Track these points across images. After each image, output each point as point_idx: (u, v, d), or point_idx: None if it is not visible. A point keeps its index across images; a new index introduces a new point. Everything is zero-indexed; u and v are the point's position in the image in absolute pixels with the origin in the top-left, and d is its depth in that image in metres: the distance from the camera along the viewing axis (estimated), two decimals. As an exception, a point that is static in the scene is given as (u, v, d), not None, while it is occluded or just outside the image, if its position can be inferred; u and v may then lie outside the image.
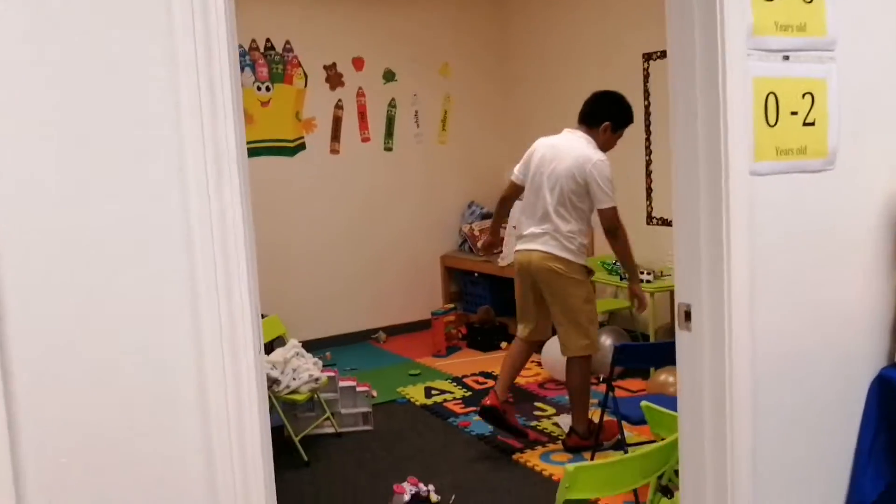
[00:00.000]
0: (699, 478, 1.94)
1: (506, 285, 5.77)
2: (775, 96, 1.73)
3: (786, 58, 1.74)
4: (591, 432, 3.68)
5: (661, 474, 2.26)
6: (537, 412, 4.34)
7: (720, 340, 1.80)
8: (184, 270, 1.45)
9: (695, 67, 1.70)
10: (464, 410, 4.40)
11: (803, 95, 1.78)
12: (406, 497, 3.22)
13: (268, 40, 5.52)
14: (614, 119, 3.70)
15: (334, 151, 5.87)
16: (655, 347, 3.68)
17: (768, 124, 1.74)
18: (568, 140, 3.72)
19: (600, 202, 3.60)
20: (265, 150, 5.54)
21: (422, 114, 6.22)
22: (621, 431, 3.33)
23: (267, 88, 5.53)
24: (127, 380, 1.44)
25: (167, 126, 1.42)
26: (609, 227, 3.64)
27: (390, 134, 6.10)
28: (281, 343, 4.06)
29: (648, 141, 5.19)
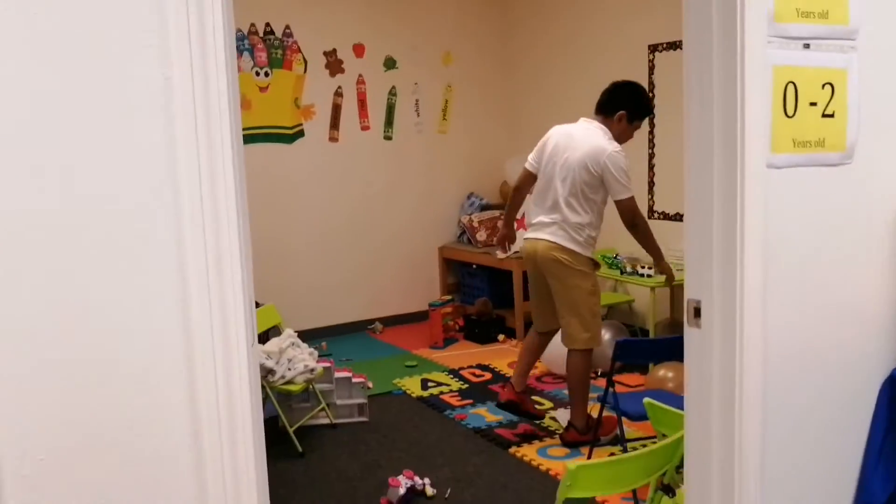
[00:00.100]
0: (705, 476, 1.91)
1: (504, 277, 5.73)
2: (794, 86, 1.67)
3: (806, 46, 1.68)
4: (590, 427, 3.64)
5: (663, 473, 2.23)
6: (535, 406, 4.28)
7: (731, 338, 1.75)
8: (172, 259, 1.37)
9: (712, 54, 1.63)
10: (460, 403, 4.36)
11: (823, 86, 1.71)
12: (401, 490, 3.19)
13: (267, 25, 5.44)
14: (629, 109, 3.63)
15: (333, 139, 5.80)
16: (656, 343, 3.65)
17: (786, 115, 1.67)
18: (583, 129, 3.66)
19: (617, 193, 3.54)
20: (262, 137, 5.48)
21: (422, 103, 6.15)
22: (621, 428, 3.29)
23: (266, 74, 5.46)
24: (109, 375, 1.36)
25: (158, 118, 1.35)
26: (628, 219, 3.59)
27: (390, 122, 6.03)
28: (276, 333, 4.03)
29: (652, 134, 5.12)
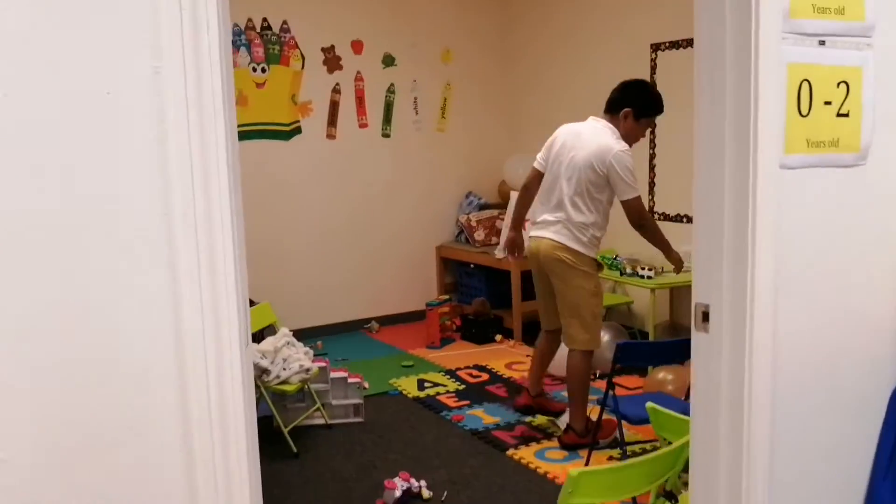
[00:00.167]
0: (711, 484, 1.87)
1: (502, 277, 5.68)
2: (809, 84, 1.62)
3: (822, 43, 1.62)
4: (589, 430, 3.59)
5: (666, 479, 2.19)
6: (532, 408, 4.24)
7: (740, 344, 1.70)
8: (163, 257, 1.30)
9: (724, 50, 1.58)
10: (457, 404, 4.30)
11: (838, 84, 1.66)
12: (397, 493, 3.15)
13: (264, 20, 5.37)
14: (635, 106, 3.58)
15: (331, 136, 5.74)
16: (657, 346, 3.60)
17: (800, 114, 1.62)
18: (591, 128, 3.61)
19: (623, 193, 3.49)
20: (259, 134, 5.42)
21: (421, 100, 6.09)
22: (620, 432, 3.25)
23: (262, 70, 5.39)
24: (96, 379, 1.30)
25: (148, 112, 1.29)
26: (635, 219, 3.54)
27: (388, 120, 5.97)
28: (272, 331, 3.98)
29: (653, 134, 5.07)
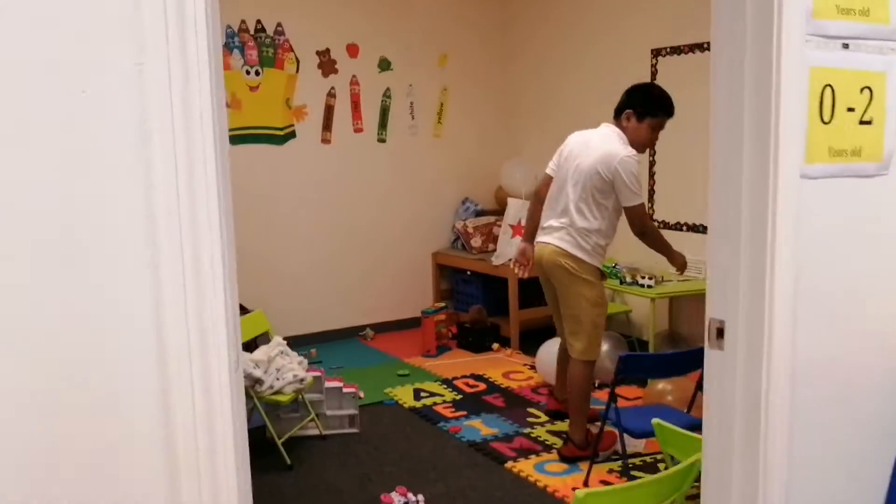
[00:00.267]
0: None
1: (499, 285, 5.59)
2: (832, 89, 1.54)
3: (845, 46, 1.55)
4: (589, 442, 3.51)
5: (672, 500, 2.11)
6: (530, 419, 4.16)
7: (757, 362, 1.61)
8: (144, 266, 1.21)
9: (744, 54, 1.50)
10: (454, 415, 4.21)
11: (861, 90, 1.58)
12: (393, 509, 3.05)
13: (258, 22, 5.29)
14: (636, 106, 3.51)
15: (325, 141, 5.65)
16: (660, 358, 3.51)
17: (822, 121, 1.54)
18: (601, 134, 3.55)
19: (626, 199, 3.43)
20: (252, 138, 5.33)
21: (417, 105, 6.01)
22: (622, 445, 3.17)
23: (256, 73, 5.30)
24: (71, 402, 1.20)
25: (130, 111, 1.21)
26: (637, 227, 3.48)
27: (384, 125, 5.89)
28: (265, 340, 3.89)
29: (653, 140, 4.99)
